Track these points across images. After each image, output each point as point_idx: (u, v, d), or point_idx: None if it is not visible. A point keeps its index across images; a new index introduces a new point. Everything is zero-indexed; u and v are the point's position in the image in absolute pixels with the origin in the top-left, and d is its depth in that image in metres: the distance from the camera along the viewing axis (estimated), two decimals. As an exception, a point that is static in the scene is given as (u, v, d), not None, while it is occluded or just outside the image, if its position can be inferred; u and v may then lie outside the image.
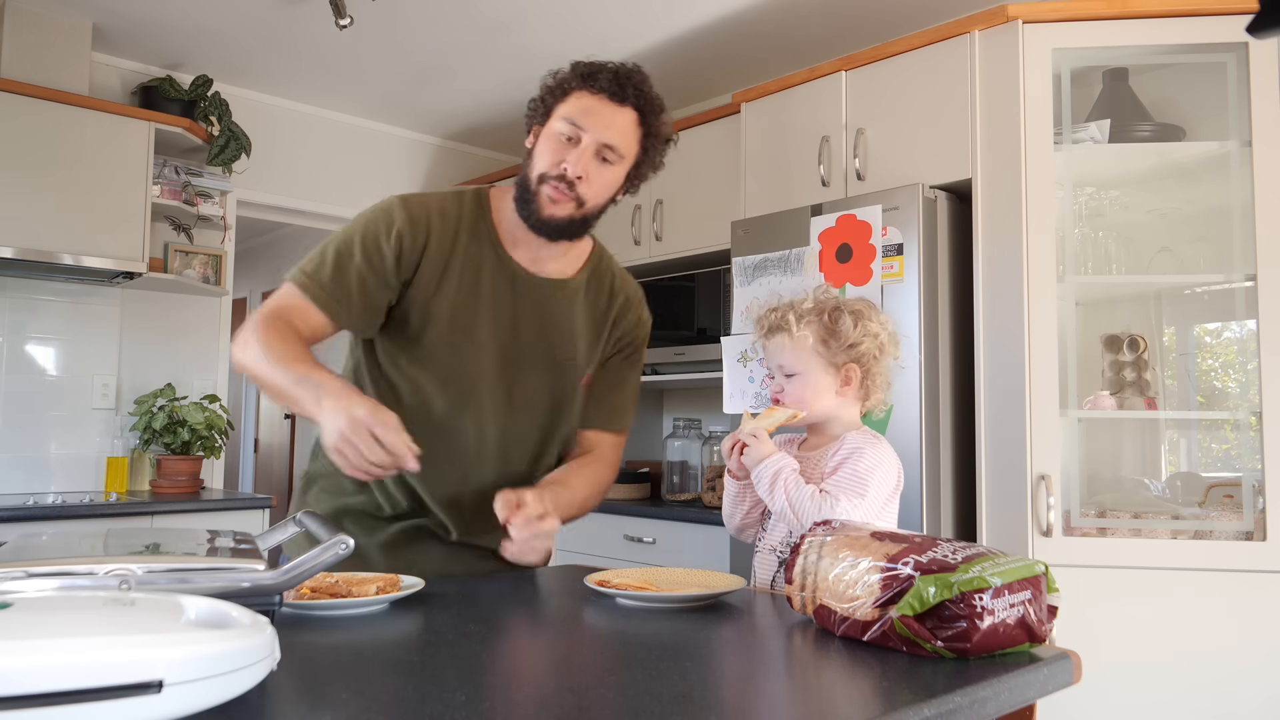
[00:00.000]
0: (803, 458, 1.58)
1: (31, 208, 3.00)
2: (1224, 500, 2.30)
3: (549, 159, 1.45)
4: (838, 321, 1.53)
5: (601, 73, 1.45)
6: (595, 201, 1.48)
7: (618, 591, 1.24)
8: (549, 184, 1.45)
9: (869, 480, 1.44)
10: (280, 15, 3.16)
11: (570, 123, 1.44)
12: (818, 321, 1.54)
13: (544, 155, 1.46)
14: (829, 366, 1.53)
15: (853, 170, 2.66)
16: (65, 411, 3.38)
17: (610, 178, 1.48)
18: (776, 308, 1.60)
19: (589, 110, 1.44)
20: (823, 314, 1.55)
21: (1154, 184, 2.51)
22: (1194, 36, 2.25)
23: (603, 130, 1.44)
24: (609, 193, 1.51)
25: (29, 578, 0.82)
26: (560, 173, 1.44)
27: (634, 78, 1.46)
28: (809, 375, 1.54)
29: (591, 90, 1.45)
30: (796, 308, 1.56)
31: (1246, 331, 2.33)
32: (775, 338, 1.56)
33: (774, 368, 1.58)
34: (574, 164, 1.44)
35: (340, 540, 0.97)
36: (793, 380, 1.54)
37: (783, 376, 1.56)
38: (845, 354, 1.53)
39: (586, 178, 1.45)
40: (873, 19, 3.05)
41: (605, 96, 1.44)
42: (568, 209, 1.46)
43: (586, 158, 1.44)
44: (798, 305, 1.57)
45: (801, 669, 0.96)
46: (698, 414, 3.74)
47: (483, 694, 0.79)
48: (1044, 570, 1.00)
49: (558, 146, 1.45)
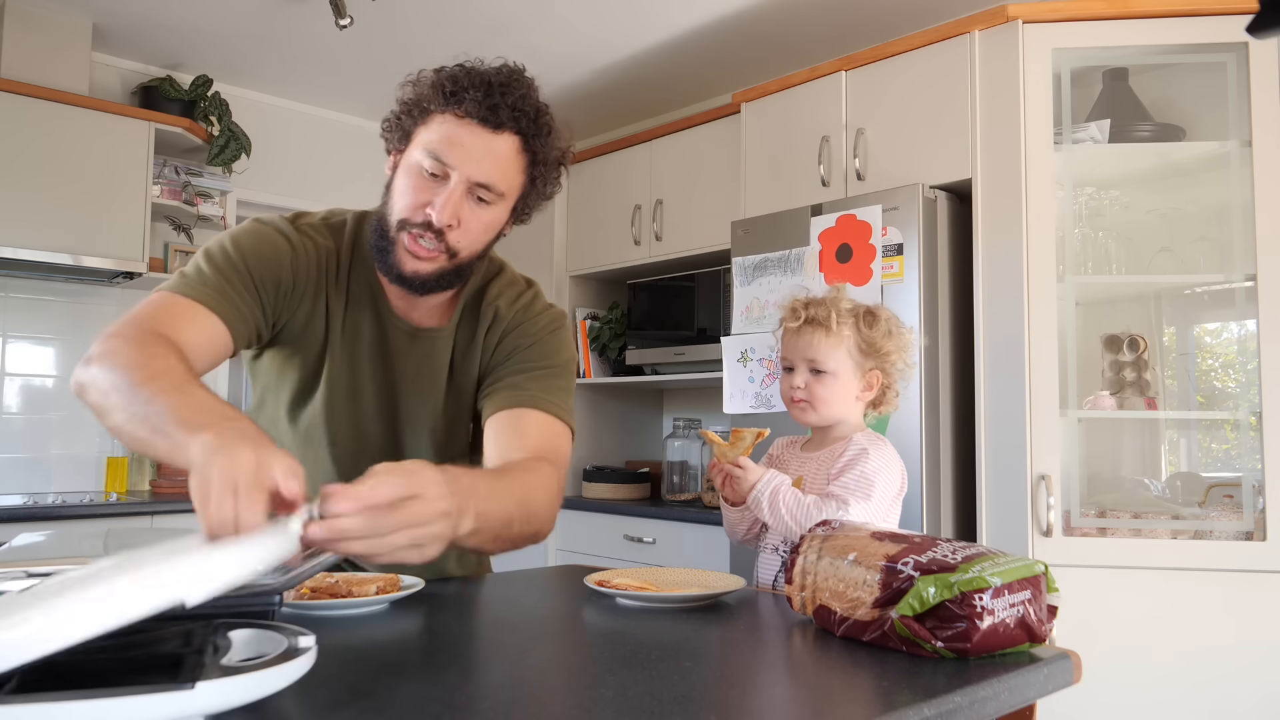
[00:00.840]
0: (806, 458, 1.58)
1: (31, 208, 3.00)
2: (1224, 500, 2.30)
3: (409, 199, 1.19)
4: (874, 328, 1.53)
5: (469, 89, 1.16)
6: (472, 250, 1.24)
7: (618, 591, 1.24)
8: (409, 233, 1.20)
9: (875, 482, 1.44)
10: (280, 15, 3.16)
11: (434, 157, 1.17)
12: (853, 322, 1.53)
13: (403, 194, 1.20)
14: (857, 370, 1.53)
15: (853, 170, 2.66)
16: (65, 411, 3.37)
17: (489, 219, 1.23)
18: (816, 300, 1.56)
19: (456, 141, 1.17)
20: (859, 317, 1.54)
21: (1154, 184, 2.51)
22: (1194, 36, 2.25)
23: (474, 165, 1.17)
24: (489, 235, 1.26)
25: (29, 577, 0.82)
26: (425, 219, 1.18)
27: (511, 91, 1.18)
28: (840, 376, 1.52)
29: (457, 114, 1.17)
30: (838, 305, 1.53)
31: (1246, 331, 2.33)
32: (812, 331, 1.52)
33: (799, 360, 1.54)
34: (441, 210, 1.17)
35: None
36: (822, 378, 1.52)
37: (808, 371, 1.53)
38: (874, 360, 1.53)
39: (459, 224, 1.20)
40: (873, 19, 3.05)
41: (475, 122, 1.17)
42: (437, 264, 1.22)
43: (456, 200, 1.18)
44: (839, 303, 1.54)
45: (801, 669, 0.96)
46: (698, 414, 3.74)
47: (483, 694, 0.79)
48: (1044, 570, 1.00)
49: (419, 185, 1.18)
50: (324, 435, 1.33)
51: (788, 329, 1.57)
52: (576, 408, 1.39)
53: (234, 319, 1.18)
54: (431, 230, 1.19)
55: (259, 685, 0.66)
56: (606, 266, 3.73)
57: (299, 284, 1.26)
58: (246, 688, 0.65)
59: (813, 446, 1.59)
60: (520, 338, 1.34)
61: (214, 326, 1.16)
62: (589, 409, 3.77)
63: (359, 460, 1.29)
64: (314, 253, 1.28)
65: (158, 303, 1.16)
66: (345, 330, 1.30)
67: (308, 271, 1.27)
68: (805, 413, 1.55)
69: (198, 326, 1.15)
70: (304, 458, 1.29)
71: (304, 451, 1.34)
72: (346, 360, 1.31)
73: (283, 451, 0.84)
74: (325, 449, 1.34)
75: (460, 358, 1.35)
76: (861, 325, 1.53)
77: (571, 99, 3.80)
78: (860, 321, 1.54)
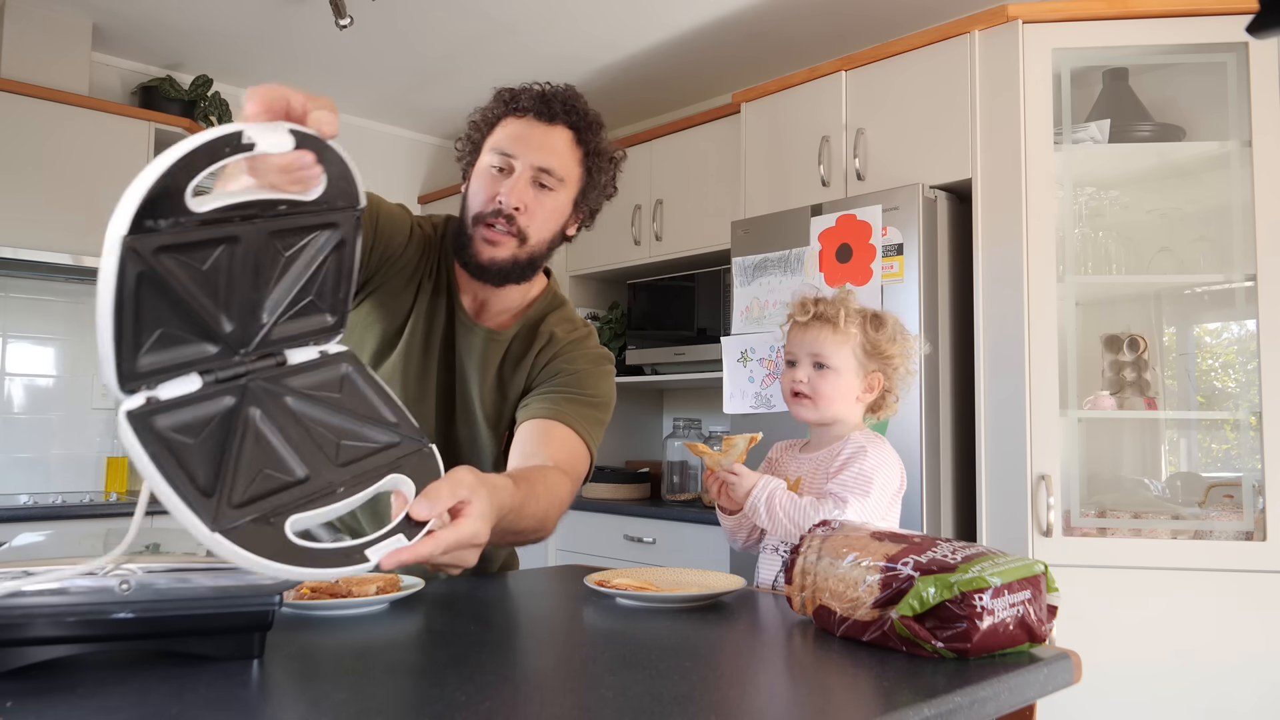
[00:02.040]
0: (805, 459, 1.58)
1: (31, 208, 3.00)
2: (1224, 500, 2.30)
3: (482, 196, 1.33)
4: (879, 331, 1.55)
5: (524, 94, 1.35)
6: (540, 236, 1.35)
7: (618, 591, 1.24)
8: (484, 224, 1.32)
9: (873, 479, 1.44)
10: (280, 15, 3.16)
11: (499, 153, 1.32)
12: (863, 323, 1.55)
13: (476, 194, 1.34)
14: (859, 370, 1.54)
15: (853, 170, 2.66)
16: (65, 411, 3.38)
17: (553, 206, 1.35)
18: (825, 298, 1.58)
19: (517, 135, 1.33)
20: (866, 319, 1.55)
21: (1154, 184, 2.51)
22: (1194, 36, 2.25)
23: (535, 153, 1.32)
24: (555, 223, 1.37)
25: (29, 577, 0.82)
26: (496, 207, 1.31)
27: (561, 95, 1.35)
28: (842, 373, 1.53)
29: (517, 114, 1.34)
30: (847, 304, 1.55)
31: (1246, 331, 2.33)
32: (819, 327, 1.54)
33: (803, 354, 1.55)
34: (509, 194, 1.31)
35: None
36: (824, 374, 1.53)
37: (812, 366, 1.54)
38: (877, 363, 1.55)
39: (525, 208, 1.32)
40: (873, 19, 3.05)
41: (532, 117, 1.33)
42: (509, 248, 1.33)
43: (522, 186, 1.31)
44: (848, 303, 1.56)
45: (801, 669, 0.96)
46: (698, 414, 3.74)
47: (483, 694, 0.79)
48: (1044, 570, 1.00)
49: (490, 181, 1.33)
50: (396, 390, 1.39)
51: (795, 323, 1.58)
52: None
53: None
54: (503, 216, 1.31)
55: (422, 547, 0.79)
56: (606, 266, 3.73)
57: (405, 256, 1.39)
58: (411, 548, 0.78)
59: (811, 448, 1.60)
60: (566, 363, 1.43)
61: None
62: (589, 409, 3.76)
63: (422, 421, 1.38)
64: (423, 239, 1.42)
65: None
66: (428, 311, 1.42)
67: (415, 251, 1.40)
68: (805, 408, 1.55)
69: None
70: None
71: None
72: (423, 335, 1.42)
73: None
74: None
75: (510, 367, 1.44)
76: (868, 327, 1.55)
77: (571, 99, 3.80)
78: (867, 323, 1.55)
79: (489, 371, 1.44)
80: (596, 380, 1.44)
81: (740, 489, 1.47)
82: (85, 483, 3.39)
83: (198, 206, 0.77)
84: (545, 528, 1.22)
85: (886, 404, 1.58)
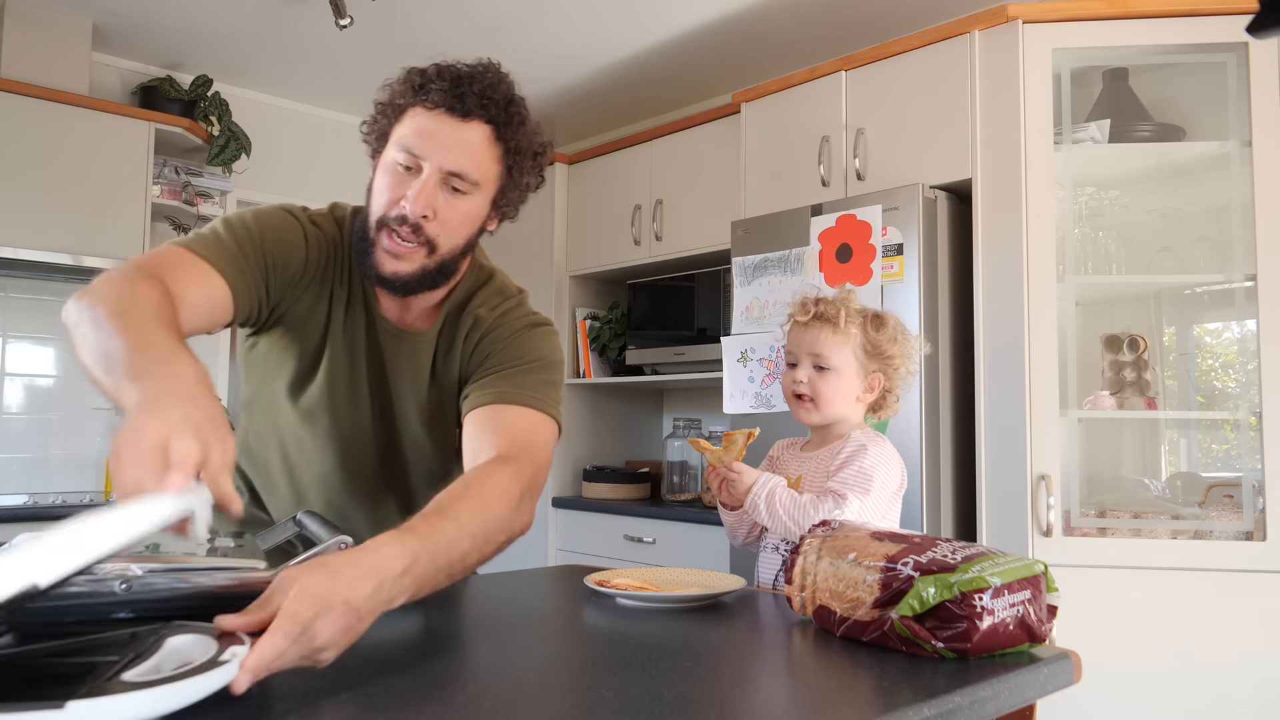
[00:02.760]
0: (805, 458, 1.58)
1: (31, 208, 3.00)
2: (1224, 500, 2.30)
3: (386, 197, 1.19)
4: (880, 331, 1.55)
5: (435, 81, 1.18)
6: (452, 243, 1.22)
7: (618, 591, 1.24)
8: (387, 230, 1.19)
9: (874, 476, 1.44)
10: (280, 15, 3.16)
11: (406, 150, 1.18)
12: (863, 323, 1.55)
13: (380, 193, 1.20)
14: (860, 371, 1.54)
15: (853, 170, 2.66)
16: (65, 411, 3.38)
17: (466, 211, 1.21)
18: (825, 298, 1.58)
19: (426, 132, 1.17)
20: (867, 319, 1.55)
21: (1154, 184, 2.51)
22: (1194, 36, 2.25)
23: (445, 154, 1.17)
24: (468, 228, 1.24)
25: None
26: (401, 212, 1.18)
27: (478, 82, 1.18)
28: (843, 374, 1.53)
29: (426, 105, 1.18)
30: (848, 304, 1.55)
31: (1246, 331, 2.33)
32: (820, 327, 1.54)
33: (804, 354, 1.55)
34: (415, 201, 1.17)
35: (340, 540, 0.97)
36: (825, 375, 1.53)
37: (812, 366, 1.54)
38: (877, 363, 1.55)
39: (434, 215, 1.18)
40: (873, 19, 3.05)
41: (443, 111, 1.17)
42: (416, 260, 1.20)
43: (429, 190, 1.17)
44: (849, 303, 1.56)
45: (801, 669, 0.96)
46: (698, 414, 3.74)
47: (483, 694, 0.79)
48: (1044, 570, 1.00)
49: (395, 179, 1.19)
50: (326, 416, 1.34)
51: (796, 323, 1.58)
52: (578, 408, 1.45)
53: (241, 288, 1.17)
54: (408, 224, 1.18)
55: (141, 705, 0.62)
56: (606, 266, 3.73)
57: (307, 273, 1.26)
58: (124, 708, 0.61)
59: (812, 447, 1.60)
60: (495, 341, 1.31)
61: (218, 288, 1.14)
62: (589, 409, 3.77)
63: (359, 441, 1.35)
64: (324, 244, 1.28)
65: (165, 252, 1.14)
66: (346, 323, 1.31)
67: (317, 262, 1.27)
68: (807, 411, 1.56)
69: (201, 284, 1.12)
70: (305, 434, 1.35)
71: (305, 429, 1.35)
72: (345, 352, 1.31)
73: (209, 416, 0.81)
74: (328, 427, 1.34)
75: (441, 363, 1.34)
76: (869, 327, 1.55)
77: (571, 99, 3.80)
78: (868, 323, 1.55)
79: (421, 375, 1.33)
80: (534, 343, 1.31)
81: (741, 486, 1.47)
82: (85, 483, 3.39)
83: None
84: (503, 535, 1.07)
85: (887, 404, 1.58)
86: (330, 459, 1.36)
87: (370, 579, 0.82)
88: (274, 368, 1.34)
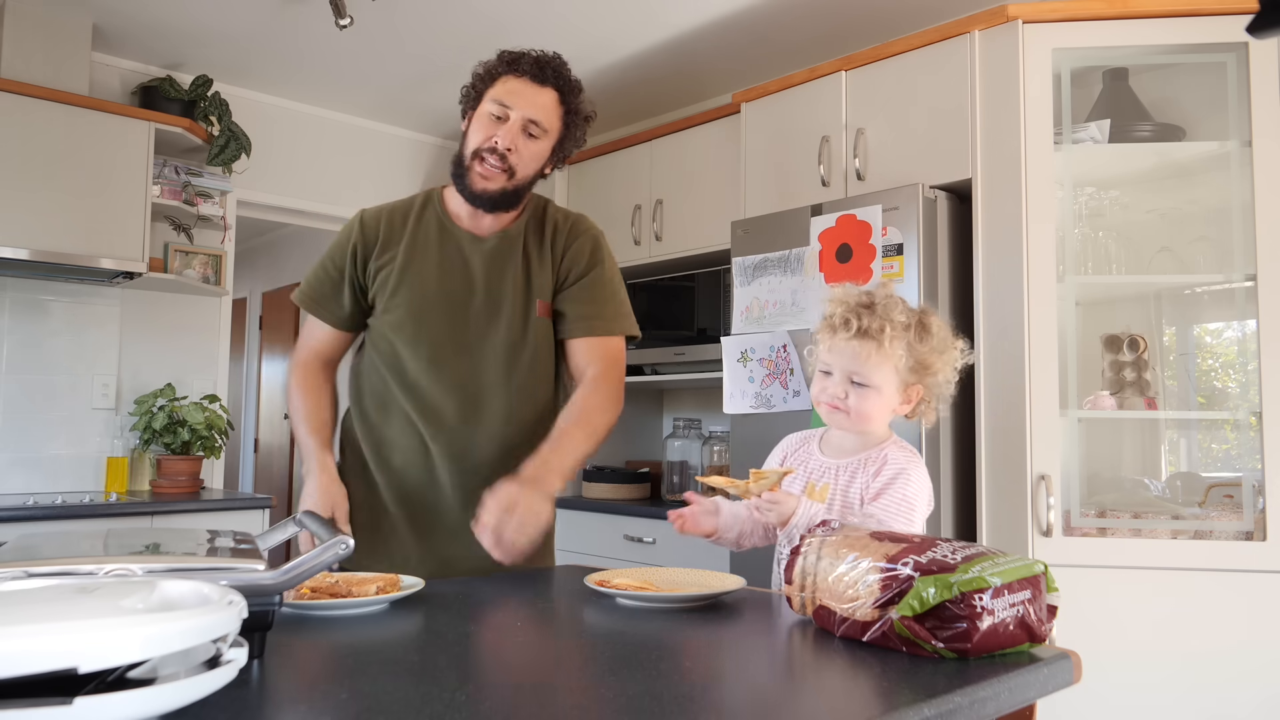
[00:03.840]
0: (829, 464, 1.49)
1: (31, 208, 3.00)
2: (1224, 500, 2.30)
3: (481, 135, 1.62)
4: (925, 341, 1.43)
5: (524, 59, 1.63)
6: (525, 172, 1.64)
7: (618, 591, 1.24)
8: (480, 159, 1.61)
9: (916, 505, 1.38)
10: (280, 15, 3.16)
11: (499, 103, 1.61)
12: (906, 339, 1.42)
13: (476, 133, 1.63)
14: (900, 385, 1.44)
15: (853, 170, 2.66)
16: (65, 411, 3.37)
17: (536, 150, 1.64)
18: (868, 307, 1.44)
19: (515, 91, 1.61)
20: (910, 330, 1.43)
21: (1154, 184, 2.51)
22: (1194, 36, 2.25)
23: (528, 108, 1.61)
24: (537, 164, 1.66)
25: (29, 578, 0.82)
26: (492, 145, 1.60)
27: (554, 63, 1.64)
28: (883, 391, 1.42)
29: (516, 74, 1.62)
30: (892, 317, 1.42)
31: (1246, 331, 2.33)
32: (862, 344, 1.41)
33: (839, 369, 1.44)
34: (504, 138, 1.60)
35: (340, 540, 0.97)
36: (864, 392, 1.42)
37: (848, 382, 1.43)
38: (918, 375, 1.44)
39: (515, 150, 1.61)
40: (873, 19, 3.05)
41: (528, 79, 1.62)
42: (499, 181, 1.62)
43: (515, 132, 1.61)
44: (892, 313, 1.43)
45: (801, 669, 0.96)
46: (698, 414, 3.74)
47: (483, 694, 0.79)
48: (1043, 570, 1.00)
49: (488, 125, 1.62)
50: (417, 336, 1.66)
51: (832, 334, 1.45)
52: None
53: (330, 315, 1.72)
54: (496, 153, 1.60)
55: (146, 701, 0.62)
56: (606, 266, 3.72)
57: (366, 241, 1.70)
58: (130, 704, 0.61)
59: (835, 451, 1.50)
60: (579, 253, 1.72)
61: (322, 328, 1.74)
62: (589, 409, 3.76)
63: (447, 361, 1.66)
64: (379, 216, 1.72)
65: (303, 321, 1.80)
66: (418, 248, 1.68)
67: (375, 228, 1.70)
68: (840, 419, 1.46)
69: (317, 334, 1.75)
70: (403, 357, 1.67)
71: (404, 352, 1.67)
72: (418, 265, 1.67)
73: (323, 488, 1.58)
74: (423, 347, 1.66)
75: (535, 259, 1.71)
76: (914, 340, 1.42)
77: (571, 99, 3.80)
78: (913, 336, 1.42)
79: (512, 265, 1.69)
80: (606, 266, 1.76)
81: (780, 515, 1.36)
82: (85, 483, 3.39)
83: None
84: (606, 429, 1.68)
85: (920, 412, 1.49)
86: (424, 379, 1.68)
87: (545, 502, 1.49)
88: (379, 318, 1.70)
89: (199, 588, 0.75)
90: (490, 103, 1.62)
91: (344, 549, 0.97)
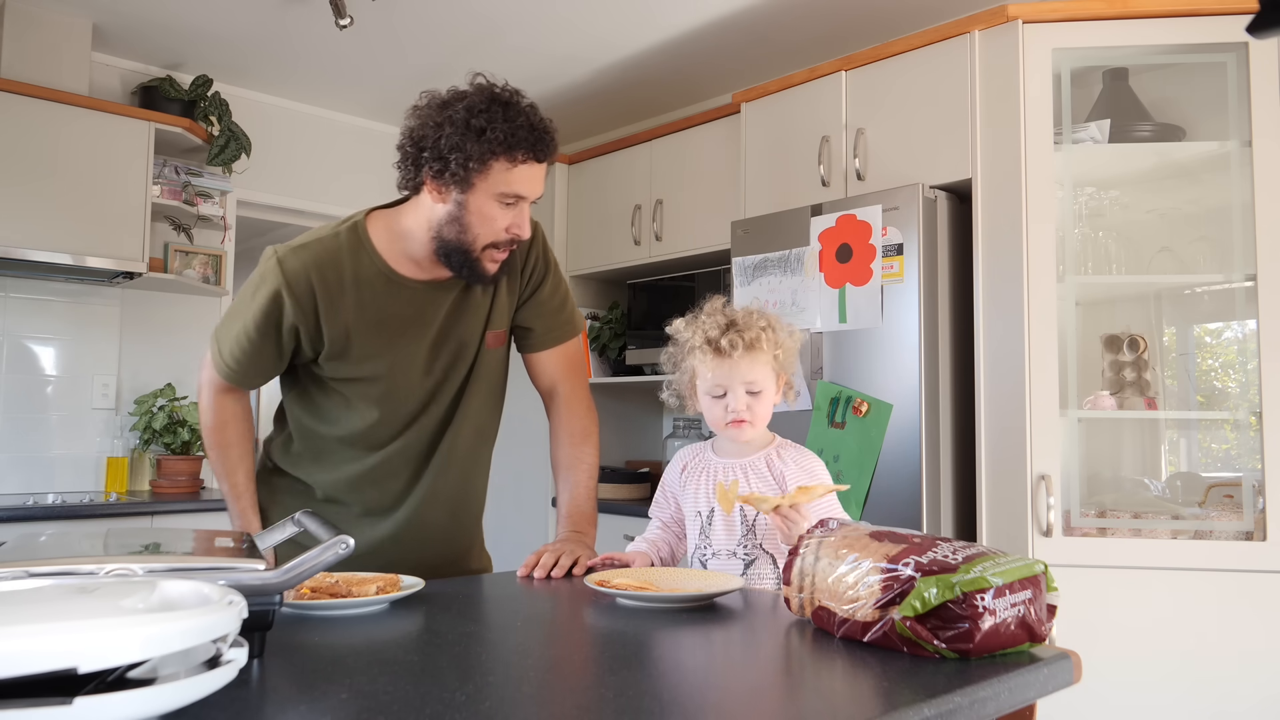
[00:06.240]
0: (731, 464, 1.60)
1: (32, 208, 3.00)
2: (1224, 500, 2.30)
3: (496, 228, 1.49)
4: (778, 332, 1.57)
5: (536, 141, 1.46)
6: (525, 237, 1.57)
7: (618, 591, 1.24)
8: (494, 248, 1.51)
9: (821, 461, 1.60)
10: (280, 15, 3.16)
11: (514, 194, 1.47)
12: (774, 337, 1.56)
13: (486, 226, 1.48)
14: (775, 378, 1.56)
15: (853, 170, 2.66)
16: (65, 411, 3.37)
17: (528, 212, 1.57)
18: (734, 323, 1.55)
19: (530, 178, 1.48)
20: (769, 329, 1.56)
21: (1154, 184, 2.51)
22: (1194, 36, 2.25)
23: (537, 190, 1.51)
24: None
25: (29, 577, 0.82)
26: (510, 237, 1.50)
27: (551, 134, 1.49)
28: (769, 390, 1.56)
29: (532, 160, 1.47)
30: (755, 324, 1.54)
31: (1246, 331, 2.33)
32: (750, 354, 1.52)
33: (736, 384, 1.53)
34: (522, 227, 1.51)
35: (340, 540, 0.97)
36: (760, 397, 1.54)
37: (746, 394, 1.53)
38: (782, 363, 1.57)
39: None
40: (873, 19, 3.05)
41: (533, 160, 1.47)
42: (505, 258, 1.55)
43: (527, 216, 1.52)
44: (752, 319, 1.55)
45: (801, 669, 0.96)
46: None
47: (483, 694, 0.79)
48: (1044, 570, 1.00)
49: (501, 214, 1.48)
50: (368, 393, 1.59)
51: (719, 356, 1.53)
52: None
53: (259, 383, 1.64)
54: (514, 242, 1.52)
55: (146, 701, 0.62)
56: (606, 266, 3.72)
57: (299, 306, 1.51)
58: (130, 704, 0.61)
59: (729, 453, 1.61)
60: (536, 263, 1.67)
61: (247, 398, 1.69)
62: (589, 409, 3.76)
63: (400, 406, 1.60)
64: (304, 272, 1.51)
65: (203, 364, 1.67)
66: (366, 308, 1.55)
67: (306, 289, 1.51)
68: (745, 430, 1.56)
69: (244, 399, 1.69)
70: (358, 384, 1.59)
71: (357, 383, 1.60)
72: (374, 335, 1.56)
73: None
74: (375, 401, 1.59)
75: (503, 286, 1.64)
76: (772, 332, 1.56)
77: (571, 99, 3.80)
78: (771, 329, 1.56)
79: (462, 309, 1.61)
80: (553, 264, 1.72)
81: (799, 530, 1.38)
82: (85, 483, 3.39)
83: None
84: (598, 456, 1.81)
85: (786, 395, 1.61)
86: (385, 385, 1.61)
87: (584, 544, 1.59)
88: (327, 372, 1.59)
89: (199, 588, 0.75)
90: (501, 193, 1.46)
91: (344, 549, 0.97)
